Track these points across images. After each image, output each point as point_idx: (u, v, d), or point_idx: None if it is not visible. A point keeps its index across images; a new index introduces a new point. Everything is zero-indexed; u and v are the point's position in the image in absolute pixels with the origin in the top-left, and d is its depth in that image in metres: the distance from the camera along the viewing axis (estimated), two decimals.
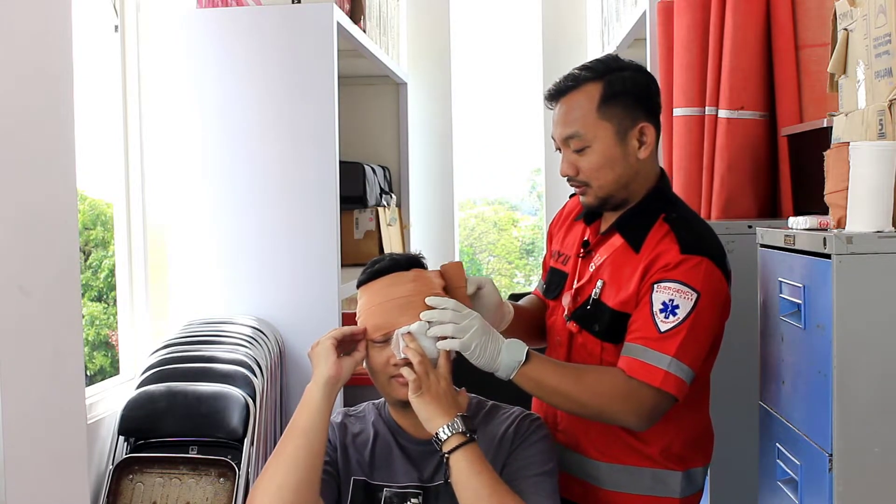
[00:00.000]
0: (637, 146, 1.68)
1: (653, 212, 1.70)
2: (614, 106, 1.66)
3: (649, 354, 1.59)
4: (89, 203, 3.21)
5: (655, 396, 1.58)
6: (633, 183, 1.70)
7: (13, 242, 1.74)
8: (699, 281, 1.61)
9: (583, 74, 1.70)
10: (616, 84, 1.67)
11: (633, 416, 1.60)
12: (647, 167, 1.72)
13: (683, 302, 1.59)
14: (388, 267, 1.63)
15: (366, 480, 1.62)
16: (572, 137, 1.68)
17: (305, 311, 2.98)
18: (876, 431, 1.40)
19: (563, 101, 1.70)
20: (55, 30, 1.91)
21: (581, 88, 1.69)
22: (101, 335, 3.30)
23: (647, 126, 1.68)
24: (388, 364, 1.58)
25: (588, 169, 1.68)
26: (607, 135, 1.66)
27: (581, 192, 1.73)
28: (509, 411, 1.68)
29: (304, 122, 2.98)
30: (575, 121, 1.67)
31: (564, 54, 4.72)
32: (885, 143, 1.46)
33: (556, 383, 1.60)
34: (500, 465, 1.58)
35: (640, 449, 1.70)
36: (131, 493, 2.53)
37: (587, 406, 1.61)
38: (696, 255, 1.62)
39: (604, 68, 1.70)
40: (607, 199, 1.71)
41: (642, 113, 1.69)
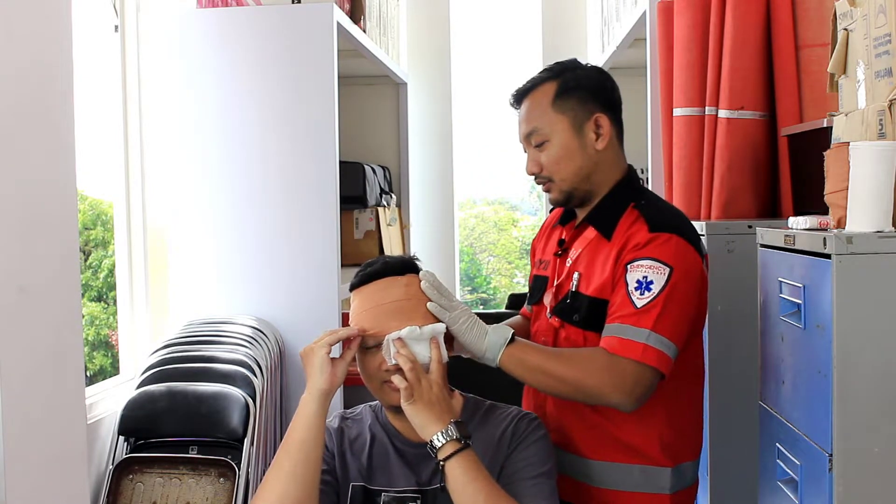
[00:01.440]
0: (594, 137, 1.74)
1: (622, 202, 1.74)
2: (568, 100, 1.74)
3: (627, 331, 1.61)
4: (89, 203, 3.21)
5: (637, 370, 1.59)
6: (594, 175, 1.76)
7: (13, 242, 1.74)
8: (670, 256, 1.64)
9: (541, 75, 1.78)
10: (570, 80, 1.75)
11: (616, 392, 1.60)
12: (607, 159, 1.77)
13: (657, 277, 1.63)
14: (381, 271, 1.62)
15: (364, 486, 1.62)
16: (532, 133, 1.75)
17: (305, 311, 2.98)
18: (876, 431, 1.40)
19: (524, 102, 1.78)
20: (55, 30, 1.91)
21: (539, 88, 1.76)
22: (101, 335, 3.30)
23: (602, 116, 1.74)
24: (380, 369, 1.57)
25: (549, 163, 1.74)
26: (564, 127, 1.73)
27: (546, 188, 1.78)
28: (507, 411, 1.67)
29: (304, 122, 2.98)
30: (533, 118, 1.75)
31: (564, 54, 4.69)
32: (885, 143, 1.46)
33: (541, 362, 1.63)
34: (498, 466, 1.58)
35: (630, 444, 1.71)
36: (131, 493, 2.53)
37: (571, 384, 1.62)
38: (666, 233, 1.66)
39: (560, 68, 1.78)
40: (572, 192, 1.76)
41: (597, 105, 1.75)
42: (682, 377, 1.74)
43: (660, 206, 1.76)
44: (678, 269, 1.64)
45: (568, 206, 1.81)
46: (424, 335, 1.55)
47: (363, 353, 1.60)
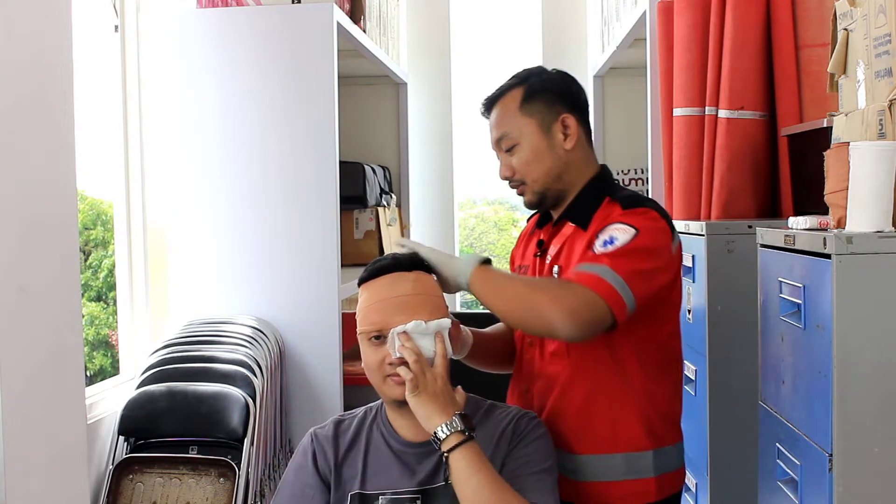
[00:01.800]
0: (562, 138, 1.79)
1: (597, 196, 1.79)
2: (535, 103, 1.79)
3: (584, 266, 1.65)
4: (89, 203, 3.21)
5: (587, 296, 1.60)
6: (565, 174, 1.80)
7: (13, 242, 1.74)
8: (639, 222, 1.68)
9: (507, 83, 1.83)
10: (535, 84, 1.81)
11: (560, 310, 1.59)
12: (577, 158, 1.81)
13: (622, 235, 1.66)
14: (390, 266, 1.64)
15: (360, 493, 1.62)
16: (502, 138, 1.80)
17: (305, 311, 2.98)
18: (876, 431, 1.40)
19: (493, 111, 1.83)
20: (55, 30, 1.91)
21: (506, 94, 1.82)
22: (101, 335, 3.30)
23: (569, 117, 1.79)
24: (383, 363, 1.58)
25: (520, 165, 1.79)
26: (532, 130, 1.78)
27: (520, 192, 1.82)
28: (507, 410, 1.68)
29: (304, 122, 2.98)
30: (502, 123, 1.80)
31: (564, 54, 4.72)
32: (885, 143, 1.46)
33: (504, 281, 1.69)
34: (499, 464, 1.58)
35: (616, 432, 1.73)
36: (131, 493, 2.53)
37: (524, 301, 1.63)
38: (640, 208, 1.71)
39: (525, 74, 1.84)
40: (545, 193, 1.80)
41: (564, 106, 1.80)
42: (661, 360, 1.77)
43: (636, 195, 1.79)
44: (645, 232, 1.67)
45: (542, 207, 1.85)
46: (430, 329, 1.57)
47: (368, 347, 1.60)
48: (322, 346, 2.97)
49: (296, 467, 1.68)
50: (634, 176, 4.63)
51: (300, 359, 2.99)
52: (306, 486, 1.65)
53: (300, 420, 3.01)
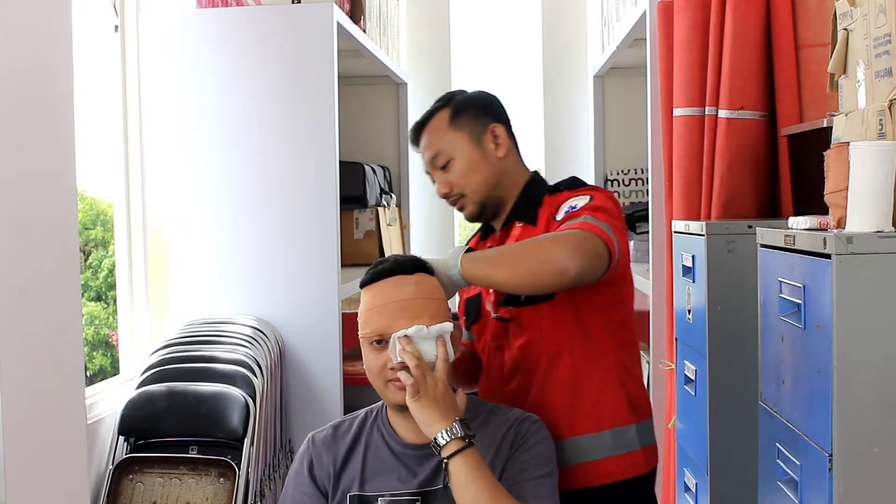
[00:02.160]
0: (494, 147, 1.86)
1: (537, 196, 1.87)
2: (462, 118, 1.86)
3: (569, 222, 1.71)
4: (89, 203, 3.21)
5: (581, 233, 1.66)
6: (501, 182, 1.87)
7: (13, 242, 1.74)
8: (590, 191, 1.81)
9: (433, 107, 1.90)
10: (460, 102, 1.88)
11: (565, 248, 1.62)
12: (510, 165, 1.89)
13: (580, 201, 1.76)
14: (391, 269, 1.63)
15: (359, 494, 1.62)
16: (437, 156, 1.85)
17: (305, 311, 2.98)
18: (876, 431, 1.40)
19: (422, 136, 1.90)
20: (55, 30, 1.91)
21: (433, 117, 1.89)
22: (101, 335, 3.30)
23: (497, 126, 1.87)
24: (385, 367, 1.57)
25: (457, 178, 1.85)
26: (464, 143, 1.85)
27: (460, 205, 1.87)
28: (509, 413, 1.67)
29: (304, 122, 2.98)
30: (434, 142, 1.86)
31: (564, 54, 4.72)
32: (885, 143, 1.46)
33: (501, 252, 1.74)
34: (499, 468, 1.58)
35: (604, 408, 1.78)
36: (131, 493, 2.53)
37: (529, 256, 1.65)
38: (584, 187, 1.85)
39: (448, 96, 1.92)
40: (484, 203, 1.86)
41: (490, 118, 1.88)
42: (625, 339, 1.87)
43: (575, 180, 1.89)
44: (597, 196, 1.77)
45: (483, 218, 1.90)
46: (431, 334, 1.55)
47: (370, 351, 1.60)
48: (322, 346, 2.97)
49: (293, 476, 1.69)
50: (634, 176, 4.63)
51: (300, 359, 2.99)
52: (304, 494, 1.65)
53: (300, 420, 3.01)
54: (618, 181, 4.64)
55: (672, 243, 2.60)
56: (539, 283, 1.70)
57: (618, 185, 4.65)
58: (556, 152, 4.85)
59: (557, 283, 1.67)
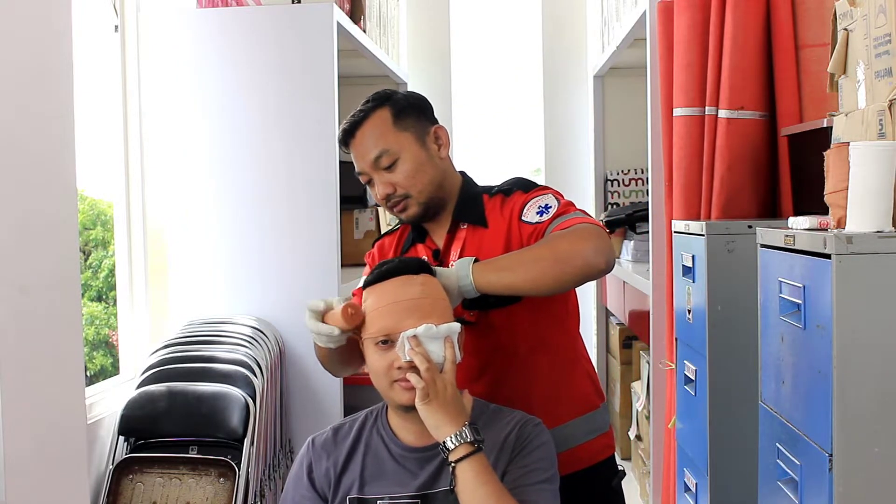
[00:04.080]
0: (437, 148, 1.84)
1: (475, 196, 1.86)
2: (406, 118, 1.81)
3: (560, 220, 1.71)
4: (89, 203, 3.21)
5: (587, 226, 1.68)
6: (444, 183, 1.84)
7: (13, 242, 1.75)
8: (548, 191, 1.81)
9: (367, 106, 1.83)
10: (399, 102, 1.83)
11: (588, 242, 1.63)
12: (449, 167, 1.88)
13: (551, 201, 1.77)
14: (397, 269, 1.61)
15: (359, 497, 1.61)
16: (381, 156, 1.79)
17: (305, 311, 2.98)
18: (876, 431, 1.40)
19: (357, 134, 1.81)
20: (55, 30, 1.91)
21: (371, 116, 1.81)
22: (101, 335, 3.29)
23: (440, 128, 1.85)
24: (391, 367, 1.56)
25: (404, 179, 1.79)
26: (410, 143, 1.80)
27: (402, 207, 1.82)
28: (511, 415, 1.67)
29: (304, 122, 2.98)
30: (378, 141, 1.79)
31: (564, 54, 4.73)
32: (885, 143, 1.46)
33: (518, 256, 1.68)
34: (501, 470, 1.57)
35: (576, 394, 1.85)
36: (131, 493, 2.53)
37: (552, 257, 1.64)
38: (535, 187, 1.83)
39: (383, 96, 1.85)
40: (429, 204, 1.82)
41: (429, 120, 1.85)
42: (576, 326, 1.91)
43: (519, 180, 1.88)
44: (558, 195, 1.80)
45: (424, 220, 1.86)
46: (440, 334, 1.54)
47: (374, 352, 1.58)
48: None
49: (293, 479, 1.68)
50: (634, 176, 4.63)
51: (300, 359, 2.99)
52: (304, 498, 1.64)
53: (300, 420, 3.01)
54: (618, 181, 4.65)
55: (672, 243, 2.60)
56: (566, 282, 1.70)
57: (618, 185, 4.65)
58: (556, 152, 4.85)
59: (584, 279, 1.68)
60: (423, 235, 1.90)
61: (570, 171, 4.84)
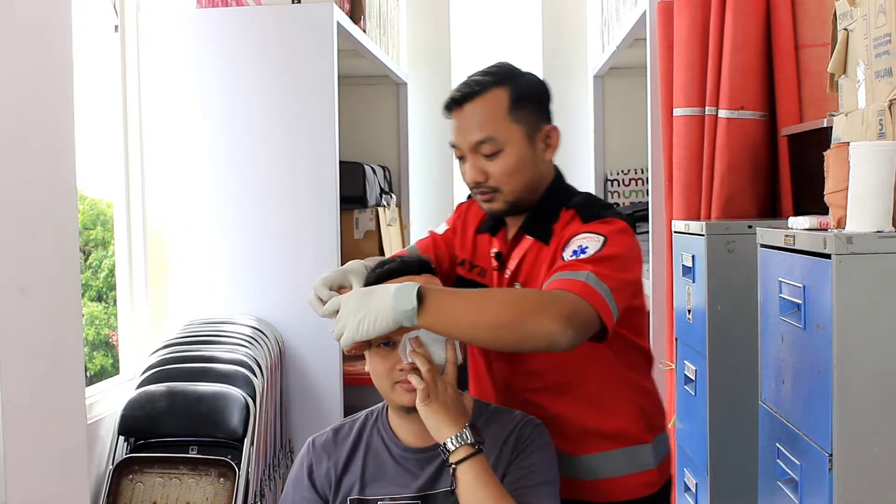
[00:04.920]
0: (543, 148, 1.70)
1: (554, 206, 1.71)
2: (522, 109, 1.67)
3: (565, 274, 1.54)
4: (89, 203, 3.21)
5: (575, 302, 1.48)
6: (539, 185, 1.72)
7: (13, 242, 1.74)
8: (604, 230, 1.61)
9: (486, 80, 1.68)
10: (522, 87, 1.68)
11: (555, 319, 1.43)
12: (549, 168, 1.75)
13: (591, 244, 1.58)
14: (398, 270, 1.60)
15: (359, 498, 1.61)
16: (484, 142, 1.66)
17: (305, 311, 2.93)
18: (876, 431, 1.40)
19: (467, 107, 1.67)
20: (55, 30, 1.91)
21: (487, 93, 1.67)
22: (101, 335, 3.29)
23: (553, 129, 1.71)
24: (393, 368, 1.55)
25: (500, 173, 1.67)
26: (519, 137, 1.66)
27: (488, 198, 1.69)
28: (511, 415, 1.66)
29: (304, 122, 2.98)
30: (486, 125, 1.65)
31: (564, 54, 4.73)
32: (885, 143, 1.46)
33: (475, 303, 1.47)
34: (501, 472, 1.57)
35: (614, 431, 1.72)
36: (131, 493, 2.53)
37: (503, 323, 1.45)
38: (600, 218, 1.64)
39: (506, 73, 1.70)
40: (516, 204, 1.70)
41: (544, 116, 1.71)
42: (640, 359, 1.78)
43: (592, 200, 1.73)
44: (612, 240, 1.59)
45: (506, 215, 1.74)
46: (441, 336, 1.54)
47: (376, 353, 1.58)
48: (322, 346, 2.97)
49: (293, 480, 1.68)
50: (634, 176, 4.63)
51: (300, 359, 2.99)
52: (304, 499, 1.64)
53: (300, 420, 3.01)
54: (618, 181, 4.65)
55: (672, 243, 2.60)
56: (522, 348, 1.60)
57: (618, 185, 4.65)
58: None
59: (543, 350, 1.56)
60: (498, 227, 1.79)
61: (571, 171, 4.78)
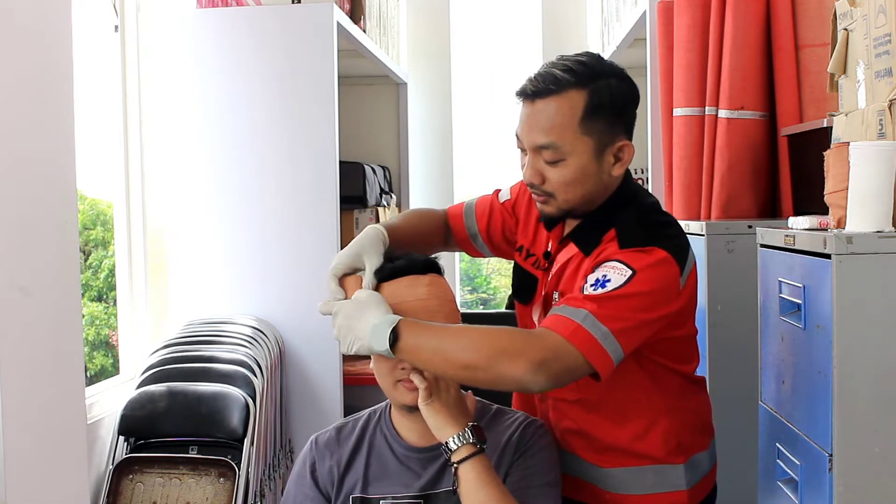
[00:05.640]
0: (612, 162, 1.59)
1: (607, 220, 1.61)
2: (596, 120, 1.55)
3: (565, 310, 1.46)
4: (89, 203, 3.21)
5: (557, 347, 1.41)
6: (599, 197, 1.62)
7: (13, 242, 1.74)
8: (638, 262, 1.49)
9: (565, 78, 1.55)
10: (601, 94, 1.56)
11: (524, 365, 1.39)
12: (615, 182, 1.63)
13: (615, 276, 1.48)
14: (404, 268, 1.59)
15: (362, 496, 1.61)
16: (547, 148, 1.55)
17: (305, 311, 2.98)
18: (876, 431, 1.40)
19: (539, 102, 1.56)
20: (55, 30, 1.91)
21: (563, 94, 1.55)
22: (101, 335, 3.29)
23: (628, 145, 1.59)
24: (395, 367, 1.55)
25: (558, 182, 1.57)
26: (586, 150, 1.55)
27: (542, 200, 1.62)
28: (513, 417, 1.66)
29: (304, 122, 2.98)
30: (552, 130, 1.55)
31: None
32: (885, 143, 1.46)
33: (436, 344, 1.44)
34: (503, 472, 1.57)
35: (638, 451, 1.66)
36: (131, 493, 2.53)
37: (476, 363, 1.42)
38: (638, 247, 1.53)
39: (589, 74, 1.57)
40: (570, 212, 1.63)
41: (622, 129, 1.59)
42: (683, 384, 1.70)
43: (642, 219, 1.61)
44: (642, 275, 1.48)
45: (560, 219, 1.67)
46: None
47: None
48: (322, 346, 2.97)
49: (295, 477, 1.68)
50: (635, 176, 4.61)
51: (300, 359, 2.99)
52: (306, 497, 1.64)
53: (300, 420, 3.01)
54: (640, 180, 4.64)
55: None
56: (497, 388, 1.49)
57: None
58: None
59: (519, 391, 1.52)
60: (553, 223, 1.70)
61: None
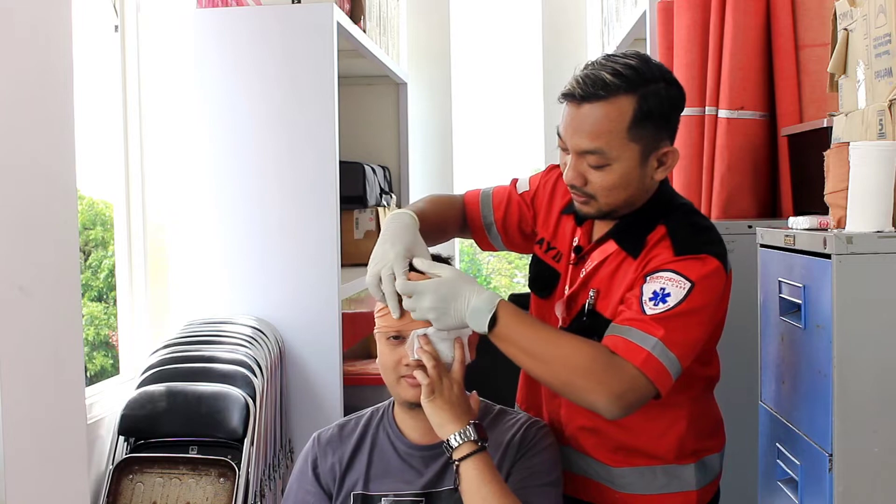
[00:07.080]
0: (656, 166, 1.59)
1: (651, 220, 1.62)
2: (645, 126, 1.53)
3: (634, 334, 1.49)
4: (89, 203, 3.21)
5: (634, 378, 1.46)
6: (639, 200, 1.62)
7: (13, 242, 1.74)
8: (693, 272, 1.52)
9: (615, 83, 1.52)
10: (650, 100, 1.53)
11: (604, 396, 1.45)
12: (654, 186, 1.63)
13: (675, 290, 1.50)
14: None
15: (363, 494, 1.61)
16: (594, 153, 1.54)
17: (305, 311, 2.98)
18: (876, 431, 1.40)
19: (587, 106, 1.54)
20: (55, 30, 1.91)
21: (612, 101, 1.52)
22: (101, 335, 3.30)
23: (672, 150, 1.59)
24: (399, 363, 1.56)
25: (600, 186, 1.57)
26: (632, 156, 1.55)
27: (583, 201, 1.61)
28: (516, 417, 1.66)
29: (304, 122, 2.98)
30: (600, 136, 1.53)
31: (564, 54, 4.72)
32: (885, 143, 1.46)
33: (528, 345, 1.49)
34: (505, 473, 1.57)
35: (652, 451, 1.67)
36: (131, 493, 2.53)
37: (558, 376, 1.49)
38: (693, 254, 1.54)
39: (639, 79, 1.53)
40: (610, 214, 1.62)
41: (668, 134, 1.59)
42: (702, 388, 1.71)
43: (691, 222, 1.62)
44: (700, 287, 1.51)
45: (599, 220, 1.67)
46: (450, 334, 1.53)
47: (385, 345, 1.58)
48: (322, 346, 2.97)
49: (297, 474, 1.68)
50: None
51: (300, 359, 2.99)
52: (307, 493, 1.64)
53: (300, 420, 3.01)
54: None
55: None
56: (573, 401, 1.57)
57: None
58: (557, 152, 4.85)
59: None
60: (581, 218, 1.69)
61: None
